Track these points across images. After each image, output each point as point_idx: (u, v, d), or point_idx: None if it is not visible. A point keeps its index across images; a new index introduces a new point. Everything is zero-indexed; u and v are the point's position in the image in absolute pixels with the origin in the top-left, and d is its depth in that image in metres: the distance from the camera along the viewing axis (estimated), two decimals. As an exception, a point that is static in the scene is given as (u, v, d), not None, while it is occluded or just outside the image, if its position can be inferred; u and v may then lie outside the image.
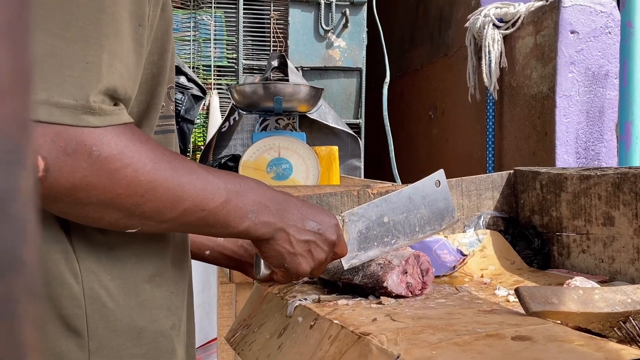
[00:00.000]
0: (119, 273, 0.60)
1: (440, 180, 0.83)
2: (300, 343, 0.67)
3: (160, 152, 0.56)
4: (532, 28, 2.32)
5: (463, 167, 2.85)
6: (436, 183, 0.83)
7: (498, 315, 0.60)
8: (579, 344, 0.47)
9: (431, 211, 0.81)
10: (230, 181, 0.62)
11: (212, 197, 0.59)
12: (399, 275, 0.74)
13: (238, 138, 2.24)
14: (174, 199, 0.56)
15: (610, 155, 2.17)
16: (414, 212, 0.80)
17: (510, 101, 2.49)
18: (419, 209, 0.81)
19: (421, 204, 0.81)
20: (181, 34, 3.06)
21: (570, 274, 0.90)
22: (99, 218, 0.55)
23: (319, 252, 0.70)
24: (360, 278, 0.75)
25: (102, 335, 0.59)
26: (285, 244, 0.67)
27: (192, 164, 0.60)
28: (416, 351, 0.49)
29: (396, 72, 3.60)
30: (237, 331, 0.86)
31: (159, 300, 0.64)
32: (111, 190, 0.53)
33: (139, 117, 0.61)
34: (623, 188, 0.85)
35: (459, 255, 0.98)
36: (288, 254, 0.68)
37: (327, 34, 2.90)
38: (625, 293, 0.57)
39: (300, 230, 0.68)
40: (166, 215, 0.57)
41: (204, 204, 0.59)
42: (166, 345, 0.64)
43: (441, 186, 0.83)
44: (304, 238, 0.68)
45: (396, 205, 0.79)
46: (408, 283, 0.75)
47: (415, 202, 0.81)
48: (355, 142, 2.32)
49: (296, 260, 0.69)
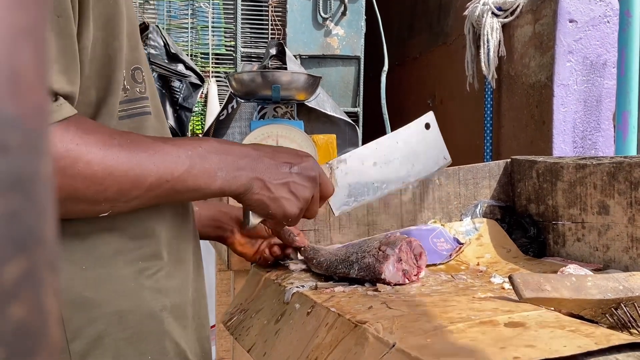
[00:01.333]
0: (96, 262, 0.61)
1: (430, 123, 0.81)
2: (297, 330, 0.68)
3: (109, 137, 0.57)
4: (530, 16, 2.32)
5: (461, 156, 2.85)
6: (426, 125, 0.81)
7: (492, 302, 0.61)
8: (570, 329, 0.48)
9: (422, 154, 0.79)
10: (191, 147, 0.63)
11: (174, 167, 0.60)
12: (394, 264, 0.74)
13: (236, 126, 2.24)
14: (135, 178, 0.57)
15: (607, 144, 2.18)
16: (404, 156, 0.78)
17: (509, 90, 2.49)
18: (409, 152, 0.79)
19: (411, 147, 0.79)
20: (179, 21, 3.04)
21: (565, 262, 0.91)
22: (66, 212, 0.56)
23: (301, 190, 0.70)
24: (357, 271, 0.76)
25: (79, 323, 0.60)
26: (263, 191, 0.67)
27: (146, 140, 0.60)
28: (411, 339, 0.49)
29: (394, 60, 3.59)
30: (234, 315, 0.87)
31: (145, 283, 0.64)
32: (69, 187, 0.54)
33: (97, 103, 0.61)
34: (618, 177, 0.86)
35: (456, 244, 0.99)
36: (270, 200, 0.68)
37: (325, 22, 2.89)
38: (617, 280, 0.58)
39: (275, 173, 0.68)
40: (132, 194, 0.58)
41: (167, 174, 0.60)
42: (154, 327, 0.64)
43: (431, 128, 0.81)
44: (281, 181, 0.68)
45: (385, 150, 0.77)
46: (404, 270, 0.75)
47: (405, 145, 0.78)
48: (353, 130, 2.32)
49: (280, 203, 0.69)
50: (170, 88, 2.61)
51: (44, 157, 0.15)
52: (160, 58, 2.58)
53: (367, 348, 0.52)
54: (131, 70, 0.65)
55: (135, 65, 0.65)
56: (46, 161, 0.15)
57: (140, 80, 0.66)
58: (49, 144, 0.16)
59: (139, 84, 0.66)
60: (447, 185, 1.05)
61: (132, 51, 0.65)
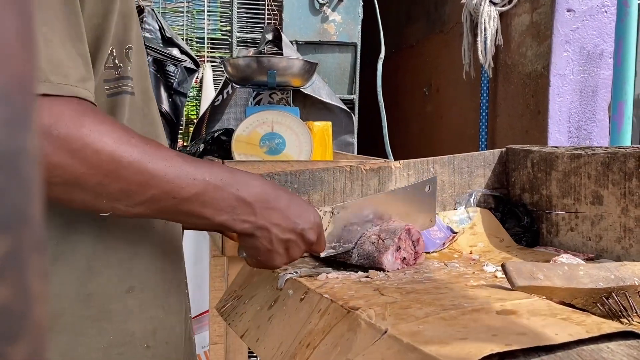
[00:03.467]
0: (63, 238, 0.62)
1: (431, 186, 0.85)
2: (291, 315, 0.68)
3: (126, 135, 0.56)
4: (528, 5, 2.31)
5: (456, 144, 2.86)
6: (427, 187, 0.84)
7: (484, 290, 0.61)
8: (562, 317, 0.48)
9: (415, 215, 0.84)
10: (212, 174, 0.61)
11: (184, 187, 0.59)
12: (393, 254, 0.76)
13: (231, 112, 2.23)
14: (140, 182, 0.57)
15: (602, 134, 2.18)
16: (398, 214, 0.83)
17: (505, 79, 2.49)
18: (403, 212, 0.83)
19: (407, 207, 0.83)
20: (174, 5, 3.01)
21: (558, 252, 0.91)
22: (69, 199, 0.56)
23: (296, 251, 0.70)
24: (357, 258, 0.77)
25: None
26: (264, 241, 0.67)
27: (167, 151, 0.59)
28: (403, 326, 0.50)
29: (391, 48, 3.58)
30: (227, 302, 0.87)
31: (113, 263, 0.64)
32: (73, 170, 0.54)
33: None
34: (612, 167, 0.86)
35: (449, 233, 0.99)
36: (265, 250, 0.68)
37: (322, 8, 2.87)
38: (608, 270, 0.58)
39: (282, 229, 0.67)
40: (135, 199, 0.57)
41: (175, 192, 0.58)
42: (119, 308, 0.65)
43: (430, 191, 0.85)
44: (285, 237, 0.68)
45: (383, 205, 0.81)
46: (403, 258, 0.77)
47: (401, 204, 0.83)
48: (349, 117, 2.31)
49: (271, 256, 0.69)
50: (165, 72, 2.59)
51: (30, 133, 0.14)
52: (155, 42, 2.56)
53: (359, 334, 0.52)
54: (125, 49, 0.64)
55: (128, 45, 0.65)
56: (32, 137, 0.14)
57: (130, 60, 0.66)
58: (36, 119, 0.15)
59: (130, 62, 0.66)
60: (442, 173, 1.05)
61: (126, 31, 0.64)
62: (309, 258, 0.85)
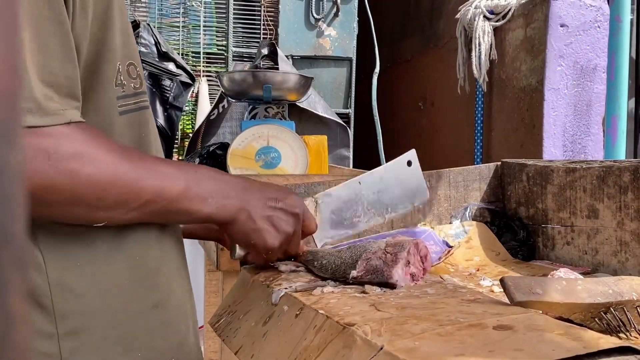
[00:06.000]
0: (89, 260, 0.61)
1: (412, 160, 0.83)
2: (286, 332, 0.67)
3: (118, 148, 0.59)
4: (522, 20, 2.33)
5: (451, 159, 2.86)
6: (408, 163, 0.83)
7: (481, 304, 0.61)
8: (559, 333, 0.47)
9: (403, 190, 0.82)
10: (187, 170, 0.65)
11: (171, 187, 0.62)
12: (403, 269, 0.74)
13: (227, 126, 2.23)
14: (134, 190, 0.60)
15: (597, 148, 2.19)
16: (385, 191, 0.81)
17: (499, 93, 2.50)
18: (391, 189, 0.81)
19: (393, 184, 0.82)
20: (170, 20, 3.03)
21: (554, 266, 0.91)
22: (64, 215, 0.58)
23: (283, 225, 0.71)
24: (364, 274, 0.75)
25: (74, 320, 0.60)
26: (248, 221, 0.69)
27: (147, 157, 0.63)
28: (399, 342, 0.49)
29: (386, 62, 3.60)
30: (221, 317, 0.86)
31: (139, 279, 0.65)
32: (73, 189, 0.55)
33: (85, 99, 0.61)
34: (608, 181, 0.86)
35: (445, 247, 0.98)
36: (252, 231, 0.70)
37: (317, 23, 2.88)
38: (606, 284, 0.58)
39: (261, 206, 0.70)
40: (130, 206, 0.60)
41: (165, 192, 0.62)
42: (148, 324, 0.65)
43: (413, 166, 0.83)
44: (265, 213, 0.70)
45: (368, 186, 0.80)
46: (412, 274, 0.74)
47: (387, 182, 0.81)
48: (345, 131, 2.32)
49: (261, 235, 0.71)
50: (161, 87, 2.60)
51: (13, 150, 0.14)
52: (150, 56, 2.57)
53: (354, 351, 0.52)
54: (126, 65, 0.65)
55: (129, 61, 0.66)
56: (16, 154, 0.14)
57: (135, 75, 0.67)
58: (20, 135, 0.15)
59: (133, 79, 0.67)
60: (438, 187, 1.05)
61: (125, 47, 0.64)
62: (304, 272, 0.84)
